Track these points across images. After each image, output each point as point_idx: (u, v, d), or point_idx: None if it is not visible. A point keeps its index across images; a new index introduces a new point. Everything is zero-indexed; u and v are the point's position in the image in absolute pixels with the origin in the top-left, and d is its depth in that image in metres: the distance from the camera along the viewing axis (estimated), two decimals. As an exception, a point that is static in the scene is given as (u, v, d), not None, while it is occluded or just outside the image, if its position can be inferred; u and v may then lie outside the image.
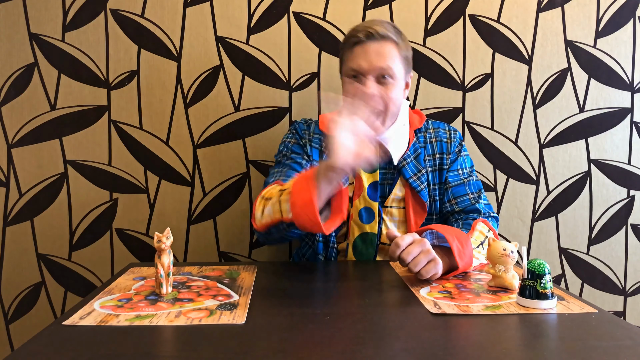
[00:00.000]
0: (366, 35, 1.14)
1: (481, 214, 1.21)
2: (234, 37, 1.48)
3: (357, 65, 1.15)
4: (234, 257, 1.54)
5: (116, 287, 0.96)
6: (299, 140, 1.25)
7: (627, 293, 1.59)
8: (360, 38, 1.15)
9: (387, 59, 1.14)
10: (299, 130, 1.26)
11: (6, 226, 1.50)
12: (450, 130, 1.28)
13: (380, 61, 1.14)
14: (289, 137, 1.27)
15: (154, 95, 1.49)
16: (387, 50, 1.15)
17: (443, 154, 1.25)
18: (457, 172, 1.25)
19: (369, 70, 1.14)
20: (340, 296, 0.91)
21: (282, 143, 1.28)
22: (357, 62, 1.15)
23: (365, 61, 1.14)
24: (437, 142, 1.26)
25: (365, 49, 1.15)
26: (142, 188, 1.51)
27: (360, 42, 1.15)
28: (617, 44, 1.53)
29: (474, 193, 1.24)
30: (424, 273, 0.94)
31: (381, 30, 1.15)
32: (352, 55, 1.17)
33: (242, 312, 0.81)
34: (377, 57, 1.14)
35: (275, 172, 1.19)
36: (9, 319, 1.52)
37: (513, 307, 0.84)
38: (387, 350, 0.66)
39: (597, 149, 1.56)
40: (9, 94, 1.47)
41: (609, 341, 0.70)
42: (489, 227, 1.14)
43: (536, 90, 1.54)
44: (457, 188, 1.24)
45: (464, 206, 1.23)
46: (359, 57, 1.15)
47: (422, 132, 1.27)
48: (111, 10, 1.46)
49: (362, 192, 1.20)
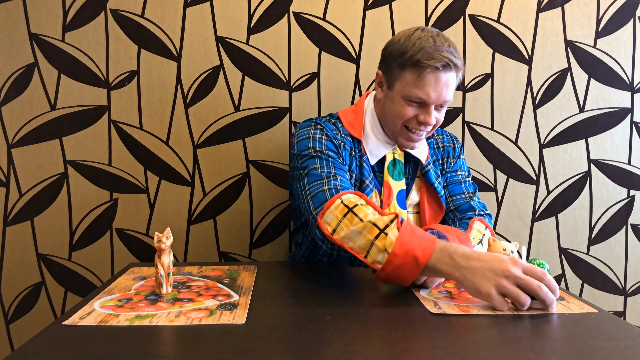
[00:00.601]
0: (443, 66, 1.04)
1: (476, 211, 1.22)
2: (234, 37, 1.48)
3: (427, 95, 1.06)
4: (234, 257, 1.54)
5: (116, 287, 0.96)
6: (332, 139, 1.14)
7: (627, 293, 1.59)
8: (437, 67, 1.04)
9: (452, 90, 1.09)
10: (327, 130, 1.15)
11: (6, 226, 1.50)
12: (452, 137, 1.31)
13: (448, 94, 1.08)
14: (317, 134, 1.14)
15: (154, 95, 1.49)
16: (454, 81, 1.08)
17: (447, 159, 1.27)
18: (456, 173, 1.28)
19: (436, 101, 1.08)
20: (340, 296, 0.91)
21: (308, 139, 1.13)
22: (426, 91, 1.06)
23: (435, 93, 1.06)
24: (443, 147, 1.28)
25: (438, 78, 1.05)
26: (142, 188, 1.51)
27: (435, 71, 1.04)
28: (617, 44, 1.53)
29: (469, 193, 1.26)
30: (430, 283, 0.94)
31: (457, 62, 1.06)
32: (421, 82, 1.05)
33: (242, 312, 0.81)
34: (446, 89, 1.07)
35: (323, 170, 1.06)
36: (9, 319, 1.52)
37: (513, 307, 0.83)
38: (387, 351, 0.66)
39: (597, 149, 1.56)
40: (9, 94, 1.47)
41: (609, 341, 0.70)
42: (486, 225, 1.16)
43: (536, 90, 1.54)
44: (454, 187, 1.26)
45: (459, 204, 1.24)
46: (429, 87, 1.05)
47: (431, 139, 1.29)
48: (111, 10, 1.46)
49: (391, 200, 1.18)
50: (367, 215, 0.92)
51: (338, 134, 1.16)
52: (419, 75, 1.05)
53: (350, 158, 1.16)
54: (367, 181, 1.16)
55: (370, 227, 0.90)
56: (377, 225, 0.90)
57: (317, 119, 1.19)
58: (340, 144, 1.14)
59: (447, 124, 1.53)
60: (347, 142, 1.16)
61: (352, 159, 1.16)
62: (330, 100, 1.51)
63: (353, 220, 0.92)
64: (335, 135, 1.15)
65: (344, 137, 1.16)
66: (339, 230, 0.94)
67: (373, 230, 0.90)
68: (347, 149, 1.16)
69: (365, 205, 0.95)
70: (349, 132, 1.18)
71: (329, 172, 1.05)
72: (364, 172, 1.17)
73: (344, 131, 1.18)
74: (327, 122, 1.19)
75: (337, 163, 1.10)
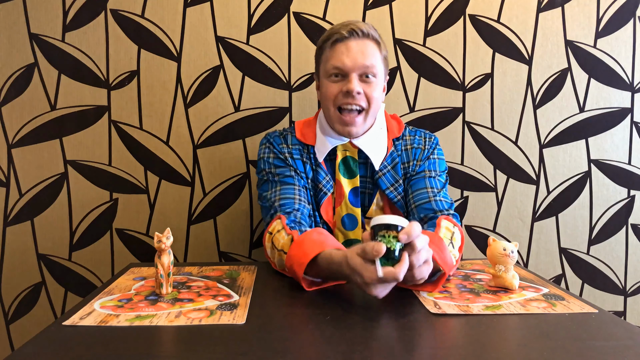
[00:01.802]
0: (349, 32, 1.11)
1: (437, 212, 1.11)
2: (234, 37, 1.48)
3: (341, 62, 1.10)
4: (234, 257, 1.54)
5: (116, 287, 0.96)
6: (278, 154, 1.20)
7: (627, 293, 1.59)
8: (343, 35, 1.11)
9: (371, 57, 1.11)
10: (275, 145, 1.21)
11: (6, 226, 1.50)
12: (426, 138, 1.23)
13: (365, 59, 1.10)
14: (266, 153, 1.22)
15: (154, 95, 1.49)
16: (369, 48, 1.12)
17: (414, 161, 1.20)
18: (423, 172, 1.19)
19: (353, 68, 1.10)
20: (340, 296, 0.91)
21: (260, 160, 1.23)
22: (340, 59, 1.11)
23: (349, 59, 1.10)
24: (411, 149, 1.21)
25: (349, 46, 1.11)
26: (142, 188, 1.51)
27: (342, 39, 1.11)
28: (617, 44, 1.53)
29: (433, 188, 1.15)
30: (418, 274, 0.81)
31: (364, 28, 1.12)
32: (333, 54, 1.12)
33: (242, 312, 0.81)
34: (361, 55, 1.10)
35: (269, 194, 1.16)
36: (9, 319, 1.52)
37: (513, 307, 0.84)
38: (387, 351, 0.66)
39: (597, 149, 1.56)
40: (9, 94, 1.47)
41: (609, 341, 0.70)
42: (454, 223, 1.06)
43: (536, 90, 1.54)
44: (416, 181, 1.18)
45: (420, 201, 1.14)
46: (342, 55, 1.11)
47: (400, 140, 1.22)
48: (111, 10, 1.46)
49: (343, 198, 1.18)
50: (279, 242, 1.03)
51: (285, 146, 1.22)
52: (332, 49, 1.13)
53: (302, 164, 1.20)
54: (321, 185, 1.19)
55: (279, 253, 1.02)
56: (284, 250, 1.01)
57: (269, 135, 1.25)
58: (287, 156, 1.20)
59: (447, 124, 1.53)
60: (296, 152, 1.21)
61: (304, 165, 1.20)
62: (330, 100, 1.51)
63: (277, 254, 1.03)
64: (281, 149, 1.21)
65: (291, 148, 1.21)
66: (276, 263, 1.06)
67: (282, 255, 1.01)
68: (297, 157, 1.20)
69: (279, 233, 1.04)
70: (300, 140, 1.21)
71: (273, 197, 1.16)
72: (319, 176, 1.19)
73: (293, 141, 1.22)
74: (277, 136, 1.24)
75: (283, 179, 1.17)
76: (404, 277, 0.78)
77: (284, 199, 1.14)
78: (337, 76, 1.13)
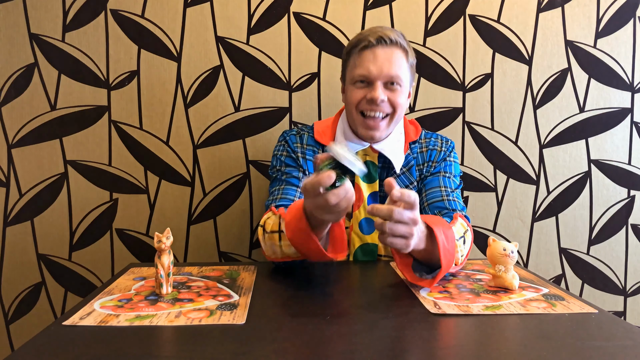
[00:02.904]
0: (377, 40, 1.10)
1: (450, 211, 1.12)
2: (234, 37, 1.48)
3: (367, 70, 1.10)
4: (234, 257, 1.54)
5: (116, 287, 0.96)
6: (291, 153, 1.21)
7: (627, 293, 1.59)
8: (370, 42, 1.10)
9: (397, 66, 1.11)
10: (290, 143, 1.22)
11: (6, 226, 1.50)
12: (443, 141, 1.24)
13: (391, 68, 1.10)
14: (280, 150, 1.23)
15: (154, 95, 1.49)
16: (397, 57, 1.11)
17: (429, 162, 1.21)
18: (438, 172, 1.20)
19: (379, 76, 1.10)
20: (340, 296, 0.91)
21: (274, 157, 1.24)
22: (366, 67, 1.10)
23: (375, 67, 1.10)
24: (427, 151, 1.22)
25: (376, 53, 1.10)
26: (142, 188, 1.51)
27: (370, 46, 1.10)
28: (617, 44, 1.53)
29: (447, 188, 1.16)
30: (389, 241, 0.83)
31: (392, 36, 1.11)
32: (360, 60, 1.12)
33: (242, 312, 0.81)
34: (387, 63, 1.10)
35: (274, 191, 1.18)
36: (9, 319, 1.52)
37: (513, 307, 0.84)
38: (387, 351, 0.66)
39: (597, 149, 1.56)
40: (9, 94, 1.47)
41: (609, 341, 0.70)
42: (467, 223, 1.09)
43: (536, 90, 1.54)
44: (430, 180, 1.18)
45: (434, 199, 1.15)
46: (369, 62, 1.10)
47: (416, 143, 1.23)
48: (111, 10, 1.46)
49: (362, 202, 1.17)
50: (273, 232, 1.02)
51: (299, 146, 1.22)
52: (359, 56, 1.13)
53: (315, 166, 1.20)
54: None
55: (275, 239, 1.01)
56: (274, 230, 1.01)
57: (285, 133, 1.26)
58: (299, 156, 1.20)
59: (447, 123, 1.53)
60: (309, 152, 1.21)
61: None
62: (330, 100, 1.51)
63: (270, 240, 1.03)
64: (295, 148, 1.22)
65: (305, 148, 1.22)
66: (271, 254, 1.05)
67: (276, 240, 1.00)
68: (310, 158, 1.21)
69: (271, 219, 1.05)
70: (318, 140, 1.21)
71: (277, 195, 1.16)
72: None
73: (309, 141, 1.22)
74: (294, 135, 1.24)
75: (289, 179, 1.18)
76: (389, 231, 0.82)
77: (284, 198, 1.14)
78: (362, 82, 1.13)
